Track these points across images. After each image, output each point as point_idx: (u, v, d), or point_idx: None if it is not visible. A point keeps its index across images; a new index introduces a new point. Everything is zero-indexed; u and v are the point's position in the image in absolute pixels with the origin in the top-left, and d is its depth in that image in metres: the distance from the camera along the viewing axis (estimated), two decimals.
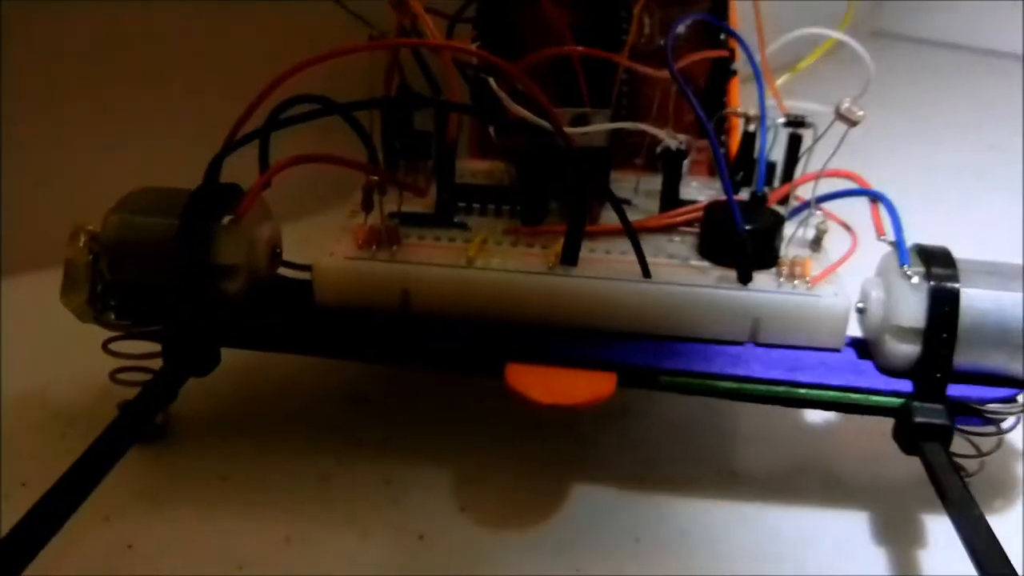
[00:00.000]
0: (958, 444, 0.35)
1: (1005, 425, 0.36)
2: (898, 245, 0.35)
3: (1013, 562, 0.29)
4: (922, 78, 0.89)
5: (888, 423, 0.36)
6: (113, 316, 0.36)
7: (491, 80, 0.36)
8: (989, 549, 0.29)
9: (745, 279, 0.36)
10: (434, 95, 0.39)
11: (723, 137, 0.45)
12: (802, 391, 0.35)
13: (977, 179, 0.67)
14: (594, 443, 0.40)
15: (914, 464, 0.37)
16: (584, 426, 0.41)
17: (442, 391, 0.42)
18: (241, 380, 0.41)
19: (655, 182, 0.41)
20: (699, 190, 0.42)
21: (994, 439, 0.37)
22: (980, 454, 0.37)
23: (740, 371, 0.35)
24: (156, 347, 0.37)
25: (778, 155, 0.40)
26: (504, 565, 0.34)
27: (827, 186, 0.38)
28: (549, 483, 0.38)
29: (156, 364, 0.37)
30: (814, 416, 0.43)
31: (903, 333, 0.35)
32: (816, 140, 0.38)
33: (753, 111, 0.40)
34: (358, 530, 0.35)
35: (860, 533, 0.37)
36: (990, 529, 0.30)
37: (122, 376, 0.37)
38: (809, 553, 0.36)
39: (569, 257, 0.36)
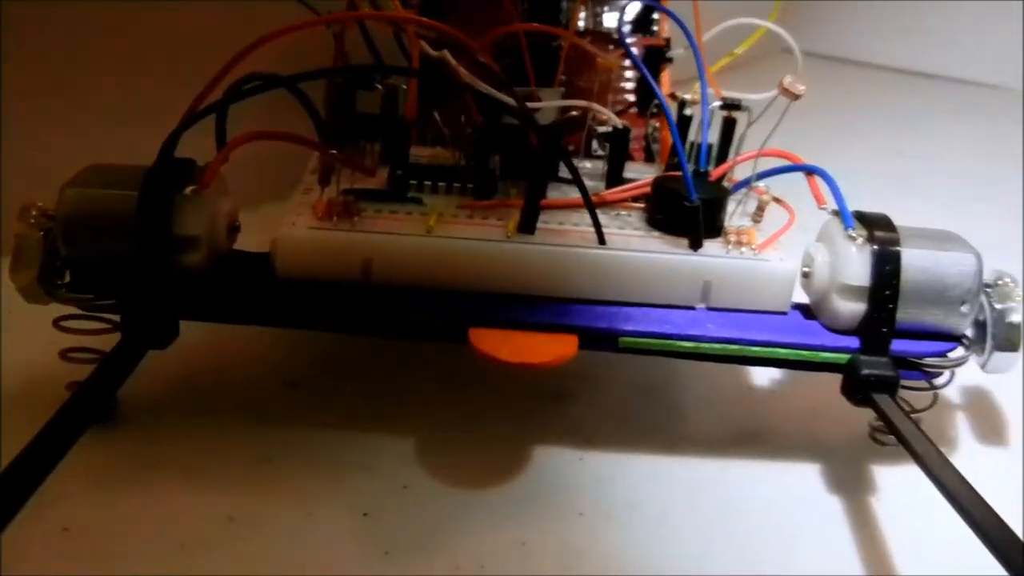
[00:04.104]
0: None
1: (939, 381, 0.38)
2: (841, 211, 0.37)
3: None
4: (831, 90, 0.95)
5: (819, 391, 0.37)
6: (66, 292, 0.36)
7: (446, 53, 0.37)
8: (957, 481, 0.31)
9: (697, 245, 0.37)
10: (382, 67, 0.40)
11: (655, 123, 0.46)
12: (756, 349, 0.36)
13: (889, 181, 0.72)
14: (531, 425, 0.41)
15: (847, 425, 0.40)
16: (520, 409, 0.42)
17: (372, 375, 0.43)
18: (171, 367, 0.41)
19: (591, 165, 0.43)
20: (635, 172, 0.43)
21: (929, 396, 0.39)
22: (914, 411, 0.38)
23: (696, 331, 0.36)
24: (104, 326, 0.37)
25: (713, 139, 0.42)
26: (449, 539, 0.34)
27: (763, 166, 0.40)
28: (490, 463, 0.38)
29: (102, 344, 0.37)
30: (745, 388, 0.44)
31: (850, 292, 0.36)
32: (754, 119, 0.40)
33: (689, 96, 0.41)
34: (302, 510, 0.35)
35: (807, 489, 0.38)
36: (951, 464, 0.32)
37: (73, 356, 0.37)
38: (759, 515, 0.37)
39: (527, 226, 0.37)
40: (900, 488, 0.38)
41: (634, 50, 0.46)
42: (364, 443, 0.39)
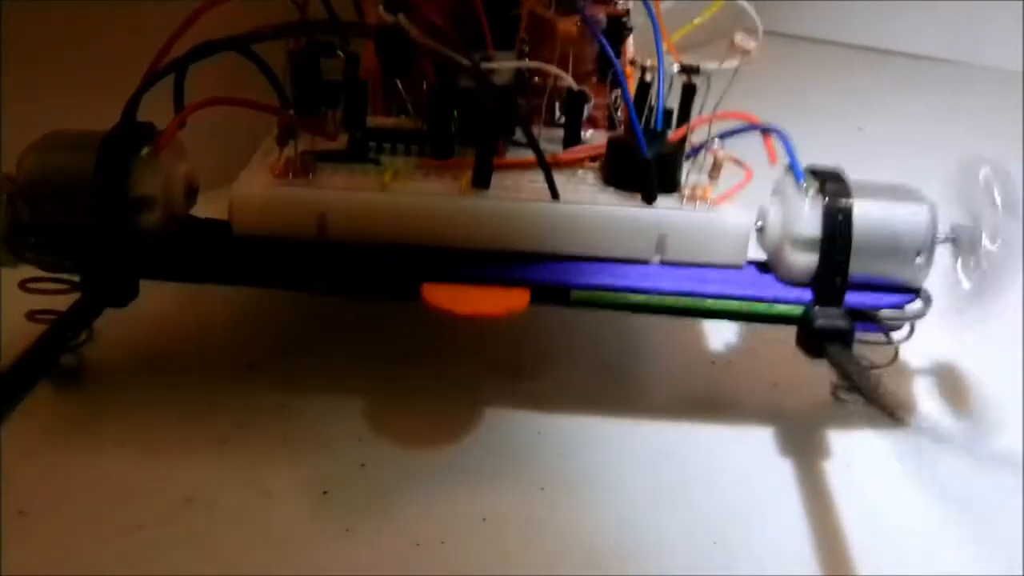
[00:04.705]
0: None
1: (898, 335, 0.38)
2: (793, 165, 0.37)
3: None
4: (791, 68, 0.96)
5: (779, 364, 0.37)
6: (32, 255, 0.37)
7: (401, 16, 0.38)
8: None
9: (650, 198, 0.37)
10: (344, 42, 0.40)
11: (618, 91, 0.46)
12: (708, 302, 0.36)
13: (850, 157, 0.72)
14: (491, 402, 0.41)
15: (806, 397, 0.41)
16: (479, 386, 0.41)
17: (329, 356, 0.43)
18: (131, 349, 0.41)
19: (555, 135, 0.43)
20: (597, 138, 0.43)
21: (890, 352, 0.39)
22: (875, 366, 0.38)
23: (648, 284, 0.36)
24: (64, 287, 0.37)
25: (673, 105, 0.42)
26: (409, 516, 0.34)
27: (720, 128, 0.40)
28: (449, 440, 0.38)
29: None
30: (707, 361, 0.44)
31: (802, 243, 0.36)
32: (709, 78, 0.40)
33: (649, 62, 0.42)
34: (261, 489, 0.35)
35: (766, 459, 0.38)
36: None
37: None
38: (718, 484, 0.37)
39: (481, 180, 0.37)
40: (858, 457, 0.38)
41: (595, 18, 0.46)
42: (322, 422, 0.39)
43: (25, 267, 0.37)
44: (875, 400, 0.34)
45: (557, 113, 0.44)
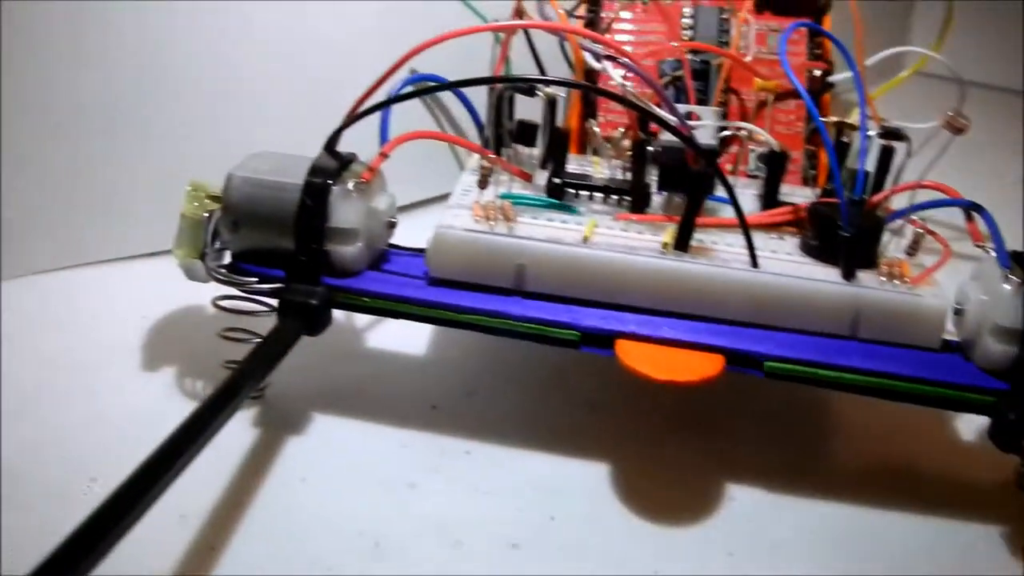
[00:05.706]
0: None
1: None
2: (998, 250, 0.37)
3: None
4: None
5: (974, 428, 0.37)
6: (227, 274, 0.37)
7: (608, 64, 0.38)
8: None
9: (849, 275, 0.37)
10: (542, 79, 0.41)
11: (811, 147, 0.46)
12: (901, 384, 0.36)
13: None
14: (679, 458, 0.40)
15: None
16: (668, 441, 0.41)
17: (514, 400, 0.43)
18: (317, 383, 0.42)
19: (749, 188, 0.43)
20: (792, 196, 0.43)
21: None
22: None
23: (842, 361, 0.36)
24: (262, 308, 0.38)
25: (869, 167, 0.41)
26: (594, 573, 0.34)
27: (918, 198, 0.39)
28: (632, 496, 0.38)
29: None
30: (902, 428, 0.43)
31: (1003, 333, 0.36)
32: (915, 150, 0.39)
33: (850, 121, 0.41)
34: (450, 538, 0.35)
35: (954, 534, 0.38)
36: None
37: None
38: (908, 563, 0.36)
39: (682, 243, 0.37)
40: None
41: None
42: (507, 470, 0.38)
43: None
44: None
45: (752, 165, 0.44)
